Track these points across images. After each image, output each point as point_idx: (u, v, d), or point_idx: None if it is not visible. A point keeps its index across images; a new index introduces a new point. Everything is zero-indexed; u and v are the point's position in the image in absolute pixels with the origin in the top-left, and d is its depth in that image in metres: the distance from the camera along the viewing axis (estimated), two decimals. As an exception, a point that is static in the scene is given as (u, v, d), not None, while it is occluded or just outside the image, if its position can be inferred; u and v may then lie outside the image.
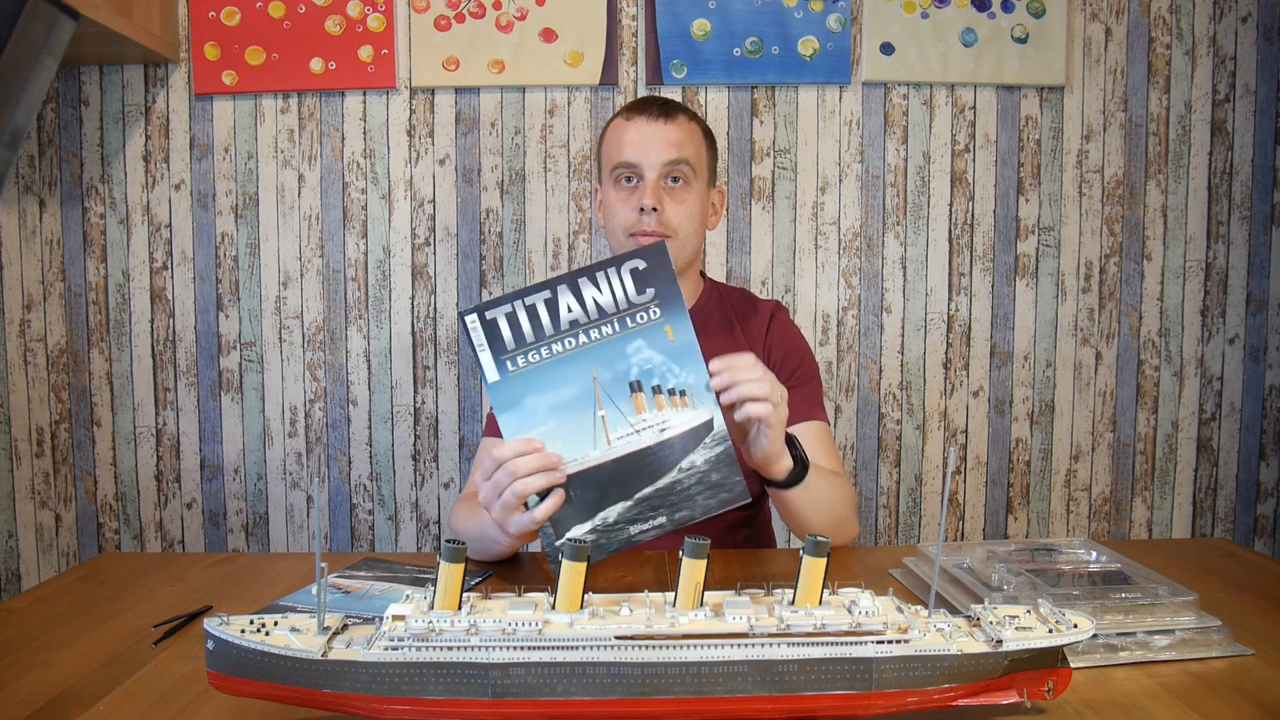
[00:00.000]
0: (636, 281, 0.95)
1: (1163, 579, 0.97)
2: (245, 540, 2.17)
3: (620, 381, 0.95)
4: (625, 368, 0.95)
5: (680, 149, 1.30)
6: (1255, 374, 2.18)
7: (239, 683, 0.73)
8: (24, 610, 1.06)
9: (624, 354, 0.95)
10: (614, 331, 0.94)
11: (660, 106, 1.33)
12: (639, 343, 0.95)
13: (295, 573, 1.18)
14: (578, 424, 0.95)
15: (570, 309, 0.94)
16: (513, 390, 0.94)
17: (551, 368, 0.94)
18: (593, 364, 0.94)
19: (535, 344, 0.94)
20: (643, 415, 0.95)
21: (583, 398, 0.94)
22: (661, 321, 0.95)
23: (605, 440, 0.95)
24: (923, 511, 2.19)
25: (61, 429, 2.14)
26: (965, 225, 2.14)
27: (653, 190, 1.29)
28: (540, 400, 0.94)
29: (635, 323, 0.95)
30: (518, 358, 0.94)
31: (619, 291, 0.95)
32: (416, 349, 2.14)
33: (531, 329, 0.94)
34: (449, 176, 2.11)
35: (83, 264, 2.12)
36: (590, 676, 0.71)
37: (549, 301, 0.94)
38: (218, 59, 2.06)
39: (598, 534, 0.96)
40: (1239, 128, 2.13)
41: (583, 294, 0.94)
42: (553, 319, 0.94)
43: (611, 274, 0.95)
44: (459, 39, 2.05)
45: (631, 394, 0.95)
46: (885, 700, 0.73)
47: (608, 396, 0.95)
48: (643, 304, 0.95)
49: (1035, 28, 2.07)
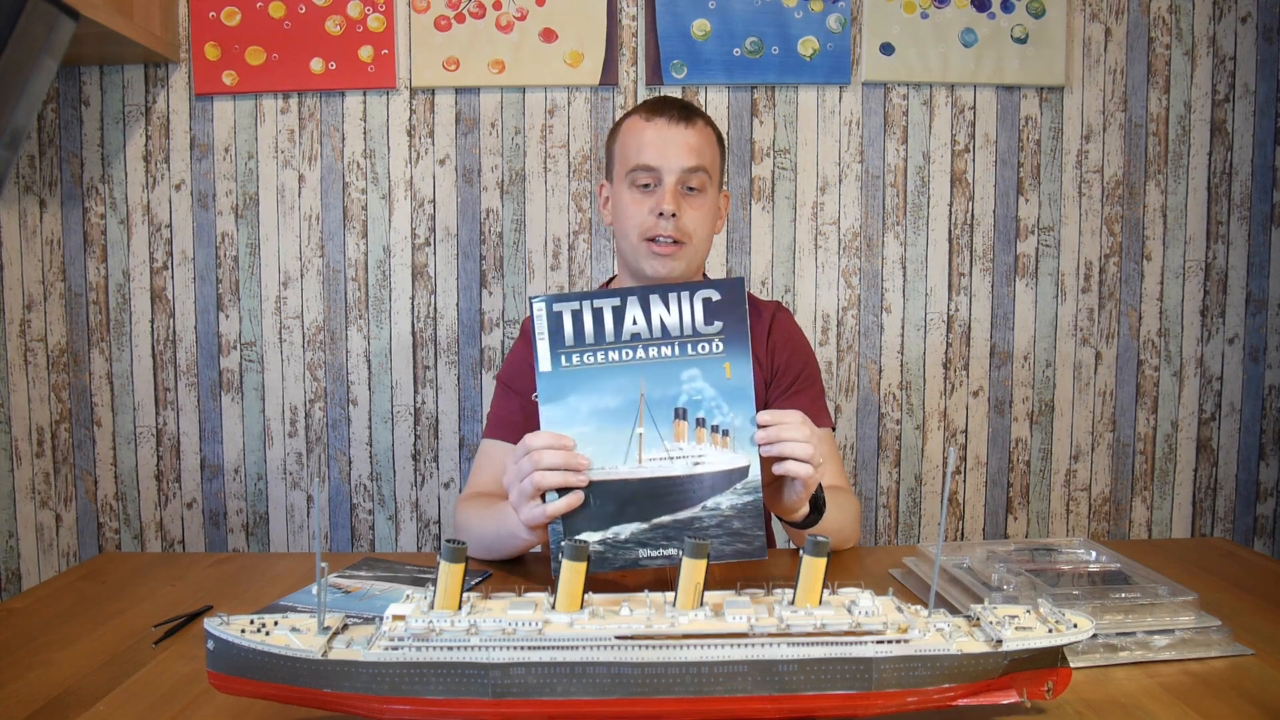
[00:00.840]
0: (707, 311, 0.95)
1: (1162, 579, 0.97)
2: (245, 540, 2.17)
3: (666, 405, 0.95)
4: (675, 392, 0.94)
5: (699, 155, 1.29)
6: (1255, 374, 2.18)
7: (239, 683, 0.73)
8: (24, 610, 1.06)
9: (676, 378, 0.94)
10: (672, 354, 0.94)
11: (680, 109, 1.31)
12: (694, 371, 0.95)
13: (295, 573, 1.18)
14: (614, 434, 0.95)
15: (635, 321, 0.94)
16: (561, 384, 0.95)
17: (603, 373, 0.94)
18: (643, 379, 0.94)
19: (593, 346, 0.94)
20: (680, 444, 0.95)
21: (625, 410, 0.94)
22: (723, 357, 0.94)
23: (637, 458, 0.95)
24: (923, 511, 2.19)
25: (62, 429, 2.14)
26: (965, 225, 2.14)
27: (672, 196, 1.27)
28: (584, 401, 0.95)
29: (696, 351, 0.94)
30: (573, 355, 0.94)
31: (687, 316, 0.95)
32: (416, 349, 2.14)
33: (594, 331, 0.94)
34: (449, 176, 2.11)
35: (83, 264, 2.12)
36: (590, 676, 0.71)
37: (616, 309, 0.94)
38: (218, 59, 2.06)
39: (605, 547, 0.95)
40: (1239, 128, 2.13)
41: (651, 310, 0.94)
42: (616, 327, 0.95)
43: (684, 297, 0.95)
44: (459, 39, 2.05)
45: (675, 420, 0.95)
46: (885, 700, 0.73)
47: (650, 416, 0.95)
48: (708, 335, 0.95)
49: (1035, 28, 2.07)
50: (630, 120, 1.33)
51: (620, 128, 1.35)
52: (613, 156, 1.37)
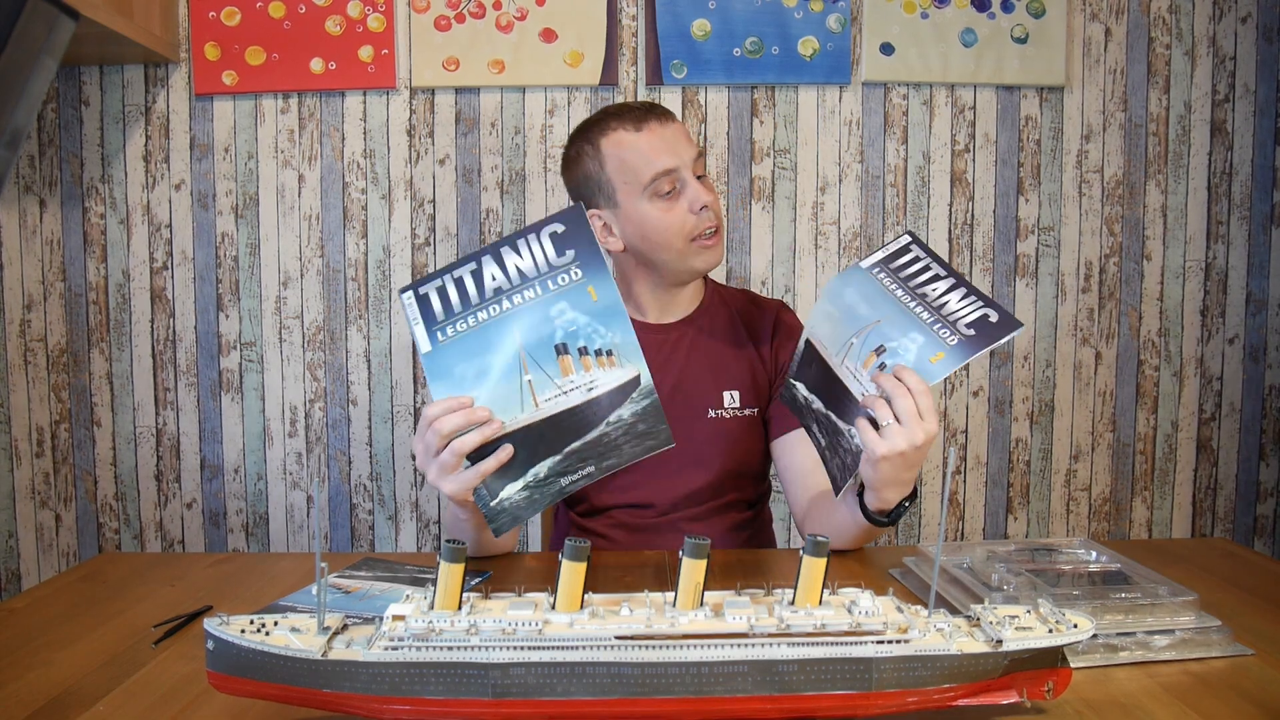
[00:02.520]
0: (556, 244, 0.96)
1: (1162, 579, 0.97)
2: (245, 540, 2.17)
3: (546, 345, 0.96)
4: (550, 331, 0.95)
5: (693, 142, 1.31)
6: (1255, 374, 2.18)
7: (239, 683, 0.73)
8: (24, 610, 1.06)
9: (548, 318, 0.95)
10: (536, 295, 0.95)
11: (656, 109, 1.30)
12: (562, 305, 0.95)
13: (295, 573, 1.18)
14: (505, 389, 0.95)
15: (495, 277, 0.96)
16: (443, 359, 0.96)
17: (478, 335, 0.95)
18: (517, 330, 0.95)
19: (462, 313, 0.95)
20: (570, 377, 0.96)
21: (510, 364, 0.95)
22: (584, 282, 0.95)
23: (533, 404, 0.95)
24: (923, 511, 2.19)
25: (61, 429, 2.14)
26: (965, 225, 2.14)
27: (703, 187, 1.27)
28: (469, 367, 0.95)
29: (558, 284, 0.96)
30: (446, 327, 0.96)
31: (539, 255, 0.96)
32: (417, 349, 2.14)
33: (459, 299, 0.96)
34: (449, 177, 2.11)
35: (83, 264, 2.12)
36: (590, 676, 0.71)
37: (475, 272, 0.96)
38: (218, 59, 2.06)
39: (530, 490, 0.97)
40: (1239, 128, 2.13)
41: (504, 261, 0.96)
42: (478, 288, 0.96)
43: (531, 239, 0.96)
44: (459, 39, 2.05)
45: (558, 357, 0.96)
46: (885, 700, 0.73)
47: (534, 361, 0.95)
48: (563, 265, 0.96)
49: (1035, 28, 2.07)
50: (614, 139, 1.27)
51: (601, 151, 1.28)
52: (604, 181, 1.29)
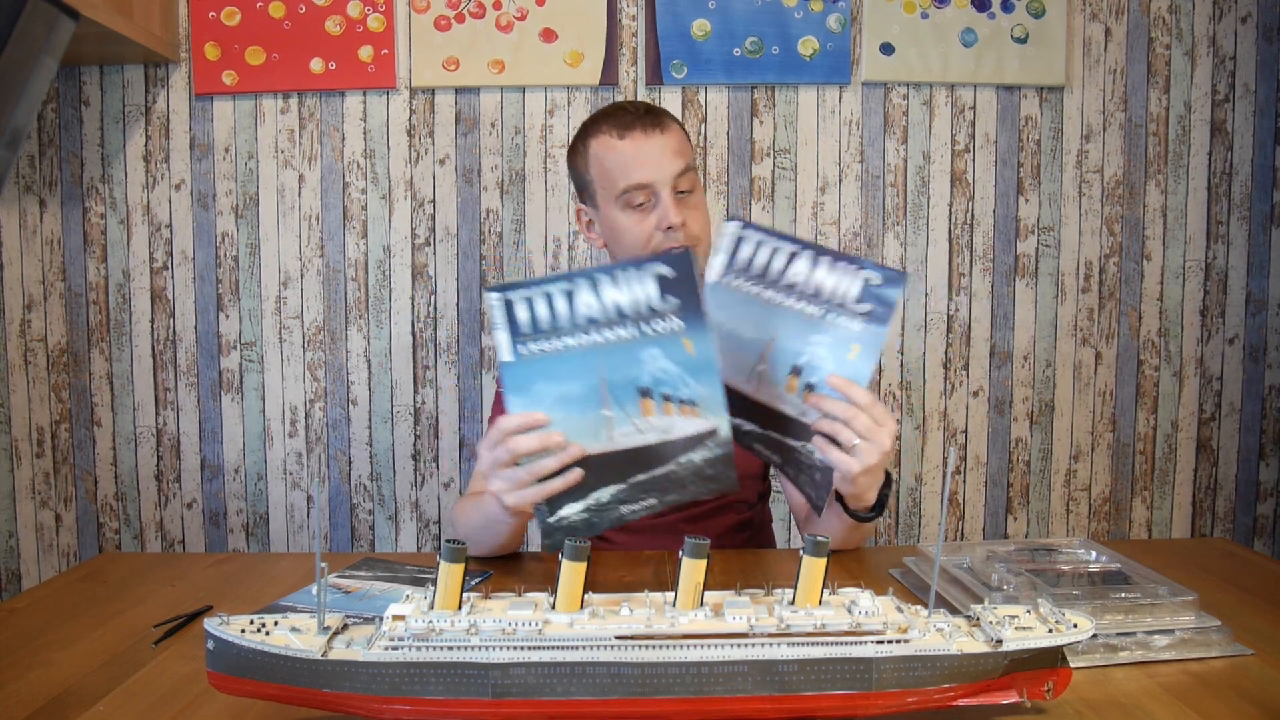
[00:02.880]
0: (660, 288, 0.92)
1: (1162, 579, 0.97)
2: (245, 540, 2.17)
3: (630, 385, 0.94)
4: (637, 374, 0.93)
5: (682, 156, 1.27)
6: (1255, 374, 2.18)
7: (239, 683, 0.73)
8: (24, 610, 1.06)
9: (638, 360, 0.93)
10: (630, 336, 0.92)
11: (648, 116, 1.27)
12: (655, 351, 0.93)
13: (295, 573, 1.18)
14: (583, 418, 0.94)
15: (589, 305, 0.92)
16: (524, 373, 0.94)
17: (563, 359, 0.93)
18: (603, 367, 0.93)
19: (550, 334, 0.93)
20: (649, 419, 0.94)
21: (591, 395, 0.93)
22: (682, 334, 0.92)
23: (608, 438, 0.95)
24: (923, 511, 2.19)
25: (61, 429, 2.14)
26: (965, 225, 2.14)
27: (675, 207, 1.25)
28: (549, 388, 0.94)
29: (654, 331, 0.92)
30: (530, 343, 0.93)
31: (640, 295, 0.92)
32: (416, 349, 2.14)
33: (549, 317, 0.92)
34: (449, 176, 2.11)
35: (83, 264, 2.12)
36: (590, 676, 0.71)
37: (569, 294, 0.92)
38: (218, 59, 2.06)
39: (590, 513, 0.96)
40: (1239, 128, 2.13)
41: (601, 291, 0.92)
42: (570, 311, 0.92)
43: (634, 276, 0.92)
44: (459, 39, 2.05)
45: (640, 398, 0.94)
46: (885, 700, 0.73)
47: (615, 398, 0.94)
48: (663, 312, 0.92)
49: (1035, 28, 2.07)
50: (600, 141, 1.28)
51: (588, 151, 1.29)
52: (588, 180, 1.31)
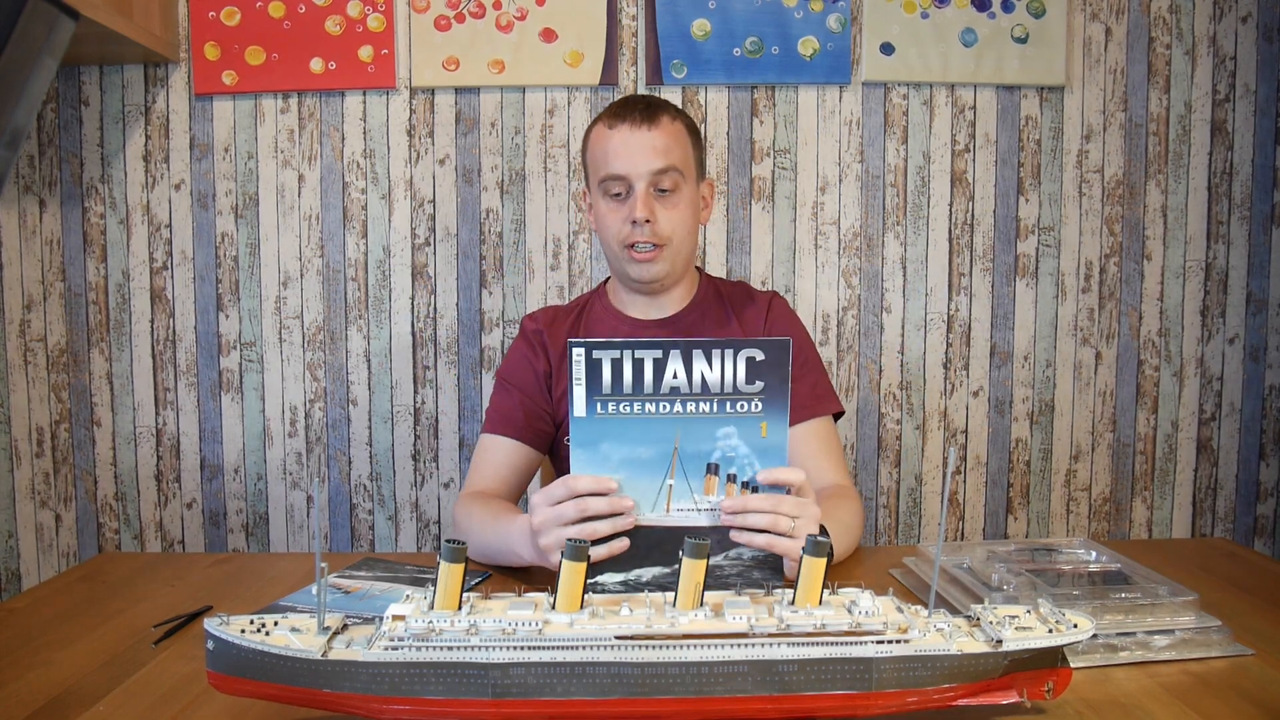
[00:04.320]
0: (749, 370, 0.93)
1: (1163, 579, 0.97)
2: (245, 540, 2.17)
3: (699, 460, 0.93)
4: (709, 449, 0.93)
5: (667, 155, 1.27)
6: (1255, 374, 2.18)
7: (239, 683, 0.73)
8: (24, 610, 1.06)
9: (712, 435, 0.93)
10: (710, 411, 0.93)
11: (643, 111, 1.29)
12: (730, 429, 0.93)
13: (295, 573, 1.18)
14: (644, 484, 0.93)
15: (676, 375, 0.92)
16: (594, 431, 0.93)
17: (637, 424, 0.93)
18: (679, 433, 0.93)
19: (630, 396, 0.93)
20: (710, 497, 0.93)
21: (657, 461, 0.93)
22: (760, 417, 0.93)
23: (665, 509, 0.93)
24: (923, 511, 2.19)
25: (61, 429, 2.14)
26: (965, 225, 2.14)
27: (644, 202, 1.26)
28: (616, 449, 0.93)
29: (734, 410, 0.93)
30: (609, 403, 0.93)
31: (729, 374, 0.93)
32: (416, 349, 2.14)
33: (633, 381, 0.92)
34: (449, 176, 2.11)
35: (83, 264, 2.12)
36: (590, 676, 0.71)
37: (658, 362, 0.92)
38: (218, 59, 2.06)
39: (626, 588, 0.94)
40: (1239, 128, 2.13)
41: (693, 365, 0.93)
42: (656, 379, 0.93)
43: (728, 354, 0.93)
44: (459, 39, 2.05)
45: (706, 474, 0.93)
46: (885, 700, 0.73)
47: (681, 469, 0.93)
48: (748, 394, 0.93)
49: (1035, 28, 2.07)
50: (596, 128, 1.32)
51: (590, 134, 1.34)
52: (587, 166, 1.37)
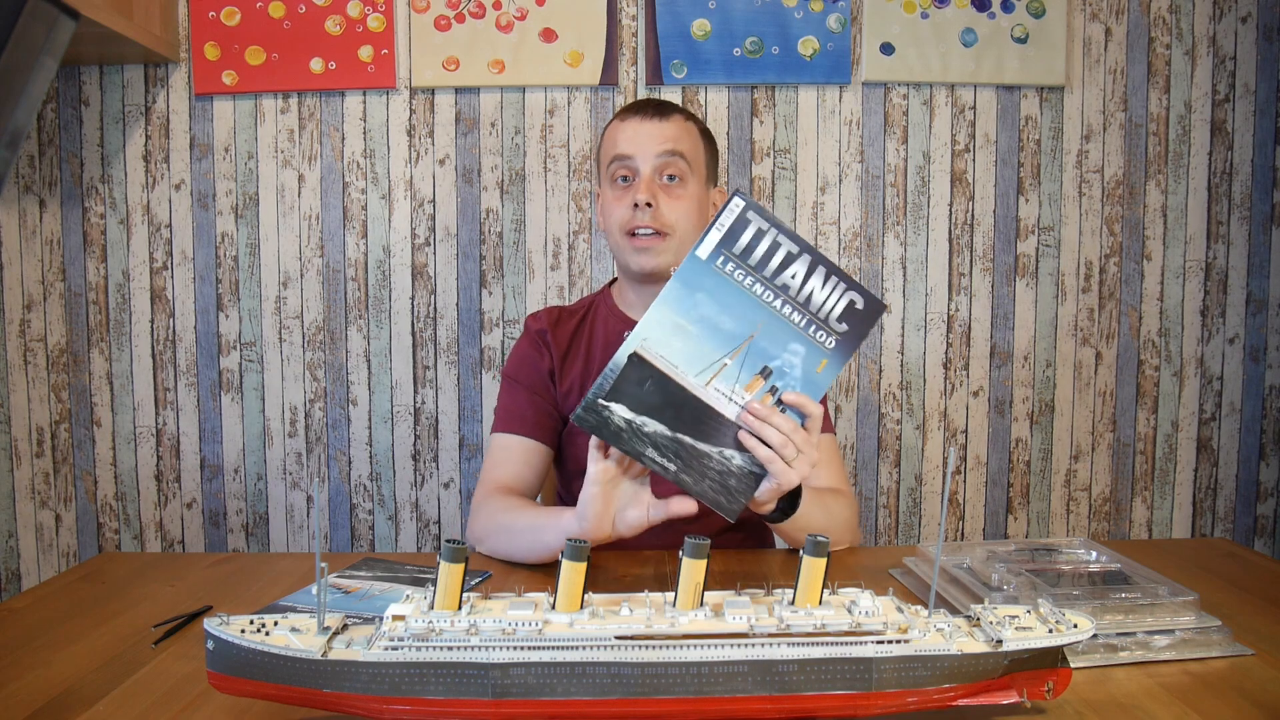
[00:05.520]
0: (846, 311, 0.97)
1: (1163, 579, 0.97)
2: (245, 540, 2.17)
3: (760, 357, 0.96)
4: (775, 353, 0.96)
5: (675, 142, 1.29)
6: (1255, 374, 2.18)
7: (239, 683, 0.73)
8: (24, 610, 1.06)
9: (784, 344, 0.96)
10: (795, 323, 0.96)
11: (655, 106, 1.33)
12: (799, 347, 0.97)
13: (295, 573, 1.18)
14: (705, 349, 0.96)
15: (795, 276, 0.96)
16: (703, 278, 0.96)
17: (737, 295, 0.95)
18: (760, 326, 0.96)
19: (750, 268, 0.96)
20: (747, 394, 0.96)
21: (729, 337, 0.96)
22: (827, 353, 0.97)
23: (705, 381, 0.96)
24: (923, 511, 2.19)
25: (61, 429, 2.14)
26: (965, 225, 2.14)
27: (647, 185, 1.27)
28: (707, 303, 0.96)
29: (813, 335, 0.96)
30: (729, 263, 0.95)
31: (831, 303, 0.97)
32: (416, 349, 2.14)
33: (762, 258, 0.95)
34: (449, 176, 2.11)
35: (83, 264, 2.12)
36: (590, 676, 0.71)
37: (788, 256, 0.96)
38: (218, 59, 2.06)
39: (628, 426, 0.96)
40: (1239, 128, 2.13)
41: (810, 275, 0.96)
42: (779, 268, 0.96)
43: (837, 286, 0.97)
44: (459, 39, 2.05)
45: (756, 374, 0.97)
46: (885, 700, 0.73)
47: (743, 357, 0.96)
48: (832, 330, 0.97)
49: (1035, 28, 2.07)
50: (612, 123, 1.36)
51: (604, 132, 1.38)
52: (598, 161, 1.39)
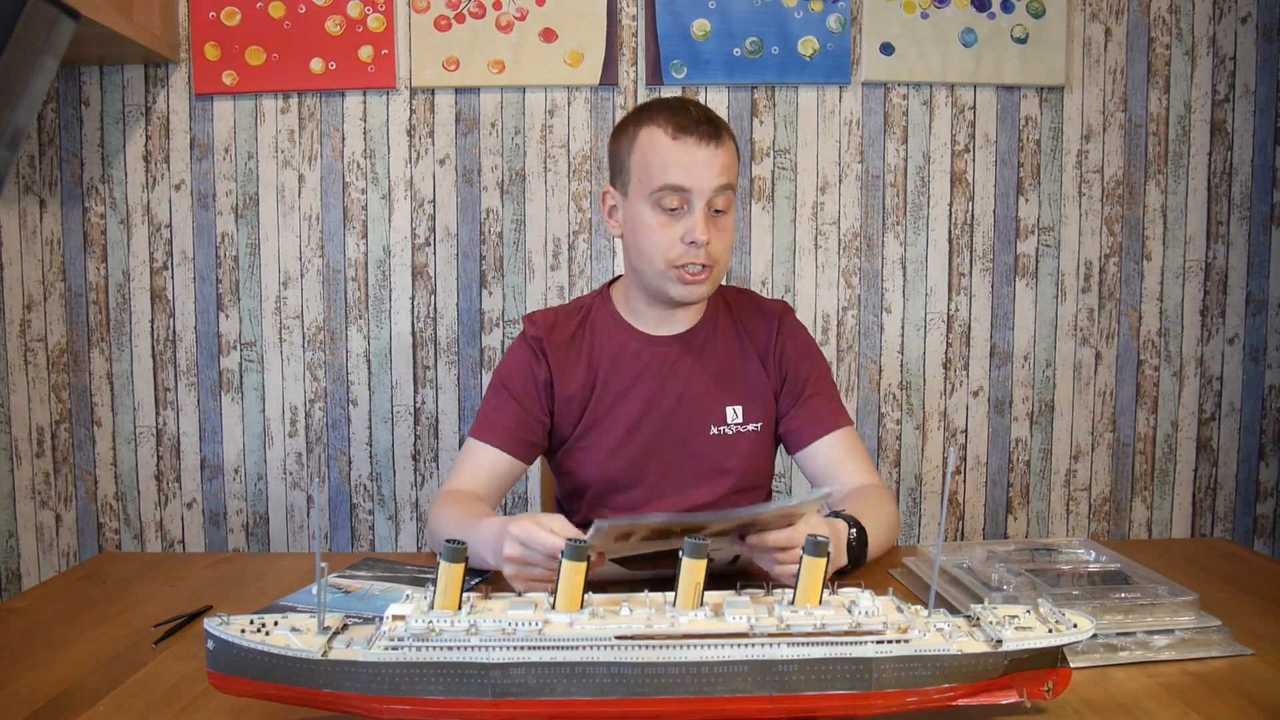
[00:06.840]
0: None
1: (1162, 579, 0.97)
2: (245, 540, 2.17)
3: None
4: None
5: (729, 173, 1.22)
6: (1255, 374, 2.18)
7: (239, 683, 0.73)
8: (24, 610, 1.06)
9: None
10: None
11: (709, 126, 1.22)
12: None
13: (295, 573, 1.18)
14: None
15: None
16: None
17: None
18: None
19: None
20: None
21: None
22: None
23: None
24: (923, 511, 2.19)
25: (62, 429, 2.14)
26: (965, 225, 2.14)
27: (704, 224, 1.20)
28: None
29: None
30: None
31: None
32: (416, 349, 2.14)
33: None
34: (449, 176, 2.11)
35: (83, 264, 2.12)
36: (590, 676, 0.71)
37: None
38: (218, 59, 2.06)
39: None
40: (1239, 128, 2.13)
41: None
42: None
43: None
44: (459, 39, 2.05)
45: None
46: (885, 700, 0.73)
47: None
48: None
49: (1035, 28, 2.07)
50: (650, 132, 1.22)
51: (636, 137, 1.24)
52: (626, 167, 1.25)
